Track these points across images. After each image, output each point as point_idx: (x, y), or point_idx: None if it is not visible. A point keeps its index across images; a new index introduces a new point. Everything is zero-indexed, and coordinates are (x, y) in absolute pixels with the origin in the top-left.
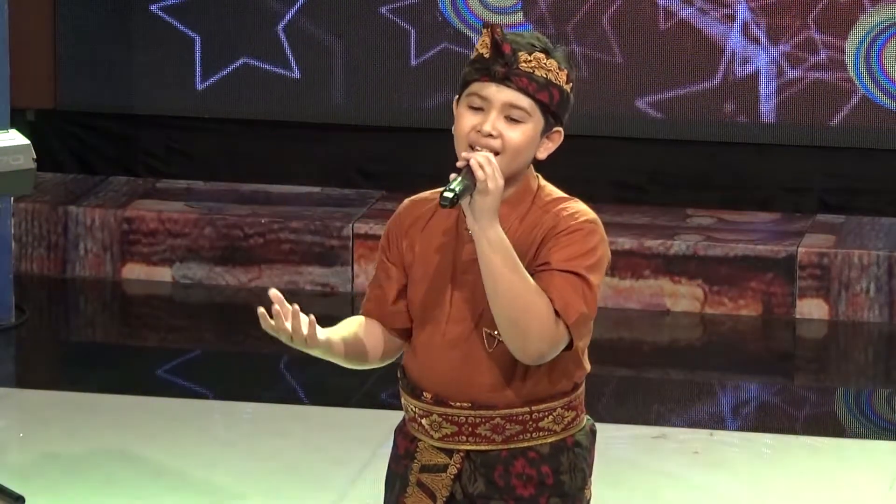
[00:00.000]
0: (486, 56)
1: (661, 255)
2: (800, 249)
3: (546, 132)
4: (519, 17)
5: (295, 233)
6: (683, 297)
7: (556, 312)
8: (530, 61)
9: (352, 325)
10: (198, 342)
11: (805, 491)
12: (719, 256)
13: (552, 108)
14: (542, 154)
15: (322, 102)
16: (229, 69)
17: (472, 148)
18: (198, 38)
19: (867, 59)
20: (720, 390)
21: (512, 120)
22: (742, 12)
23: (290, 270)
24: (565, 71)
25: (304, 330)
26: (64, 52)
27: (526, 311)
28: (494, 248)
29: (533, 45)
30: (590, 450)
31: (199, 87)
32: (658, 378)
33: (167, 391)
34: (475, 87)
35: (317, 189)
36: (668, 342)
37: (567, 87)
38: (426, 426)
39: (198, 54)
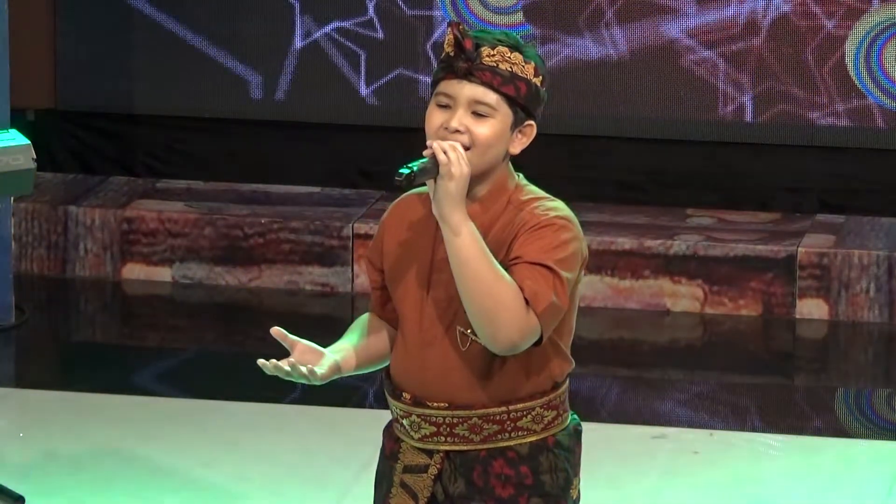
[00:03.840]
0: (451, 54)
1: (661, 255)
2: (800, 249)
3: (517, 126)
4: (519, 16)
5: (295, 233)
6: (683, 297)
7: (527, 301)
8: (493, 55)
9: (360, 332)
10: (198, 342)
11: (805, 491)
12: (719, 256)
13: (520, 102)
14: (516, 148)
15: (322, 102)
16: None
17: None
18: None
19: (867, 59)
20: (720, 390)
21: (479, 115)
22: (743, 11)
23: (290, 270)
24: (532, 64)
25: (305, 371)
26: (64, 52)
27: (494, 298)
28: (459, 234)
29: (498, 40)
30: (573, 450)
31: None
32: (658, 378)
33: (167, 391)
34: (442, 85)
35: (317, 189)
36: (668, 342)
37: (535, 81)
38: (407, 427)
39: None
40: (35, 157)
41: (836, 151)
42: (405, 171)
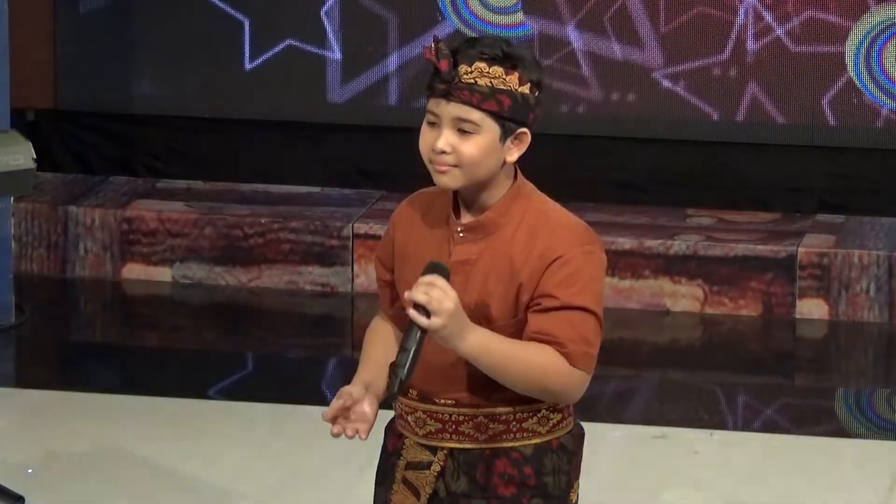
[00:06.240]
0: (432, 73)
1: (661, 255)
2: (800, 249)
3: (508, 136)
4: (519, 16)
5: (295, 233)
6: (683, 297)
7: (570, 355)
8: (471, 72)
9: (378, 348)
10: (198, 342)
11: (805, 491)
12: (719, 256)
13: (504, 115)
14: (511, 157)
15: (322, 102)
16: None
17: (430, 163)
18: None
19: (867, 59)
20: (720, 390)
21: (464, 132)
22: (744, 14)
23: (290, 270)
24: (515, 73)
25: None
26: (64, 52)
27: (537, 380)
28: (478, 351)
29: (481, 54)
30: (576, 453)
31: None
32: (658, 378)
33: (167, 391)
34: (429, 103)
35: (317, 189)
36: (668, 342)
37: (521, 90)
38: (411, 423)
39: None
40: (35, 157)
41: (836, 151)
42: (395, 381)
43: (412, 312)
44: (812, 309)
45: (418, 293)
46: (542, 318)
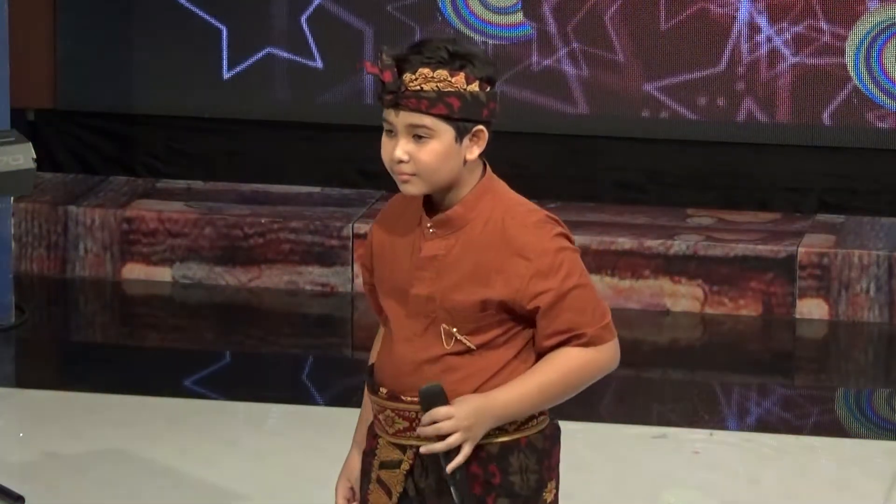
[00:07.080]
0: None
1: (661, 255)
2: (800, 249)
3: (464, 135)
4: (519, 16)
5: (295, 233)
6: (683, 297)
7: (592, 339)
8: (415, 80)
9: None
10: (198, 342)
11: (805, 491)
12: (719, 256)
13: (456, 116)
14: (471, 155)
15: (322, 102)
16: (235, 69)
17: (393, 172)
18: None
19: (867, 60)
20: (720, 390)
21: (420, 137)
22: (743, 14)
23: (290, 270)
24: (462, 73)
25: None
26: (64, 52)
27: (580, 381)
28: (517, 410)
29: (425, 59)
30: (549, 452)
31: (201, 86)
32: (658, 378)
33: (167, 391)
34: (384, 113)
35: (317, 189)
36: (668, 342)
37: (470, 88)
38: (382, 421)
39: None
40: (35, 157)
41: (836, 151)
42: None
43: (452, 464)
44: (812, 309)
45: (435, 444)
46: (549, 322)
